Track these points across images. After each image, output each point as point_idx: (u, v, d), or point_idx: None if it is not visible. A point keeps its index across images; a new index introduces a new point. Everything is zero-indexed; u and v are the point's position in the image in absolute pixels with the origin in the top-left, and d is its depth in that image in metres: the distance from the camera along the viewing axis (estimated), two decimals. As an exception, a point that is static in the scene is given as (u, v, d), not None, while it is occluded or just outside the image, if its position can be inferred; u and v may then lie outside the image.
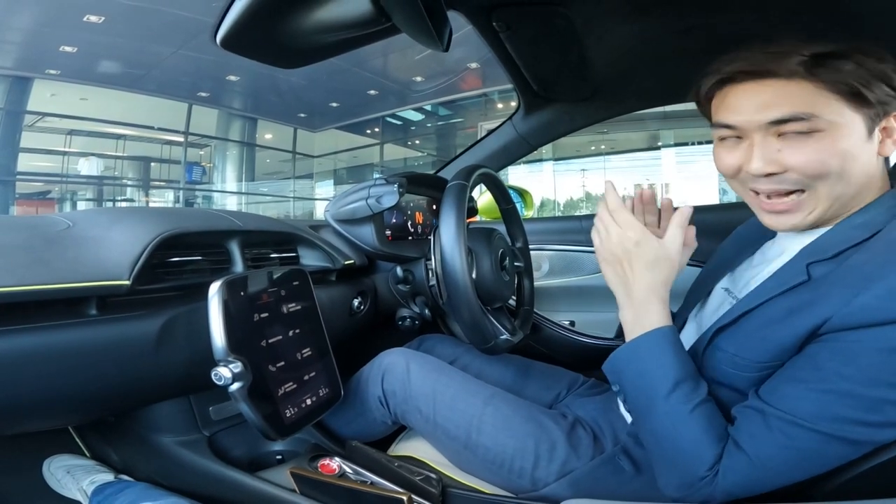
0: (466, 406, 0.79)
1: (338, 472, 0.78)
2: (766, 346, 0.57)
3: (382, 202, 0.96)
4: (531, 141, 1.36)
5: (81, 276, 0.61)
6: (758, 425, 0.55)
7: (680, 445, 0.57)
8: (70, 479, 0.90)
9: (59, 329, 0.60)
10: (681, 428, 0.57)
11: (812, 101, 0.56)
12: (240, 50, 0.67)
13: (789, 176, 0.58)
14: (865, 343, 0.50)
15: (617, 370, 0.64)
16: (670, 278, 0.64)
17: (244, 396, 0.68)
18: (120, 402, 0.78)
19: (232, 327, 0.68)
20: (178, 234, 0.72)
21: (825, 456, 0.53)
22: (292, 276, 0.82)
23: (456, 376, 0.85)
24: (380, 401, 0.86)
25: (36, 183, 8.27)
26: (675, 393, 0.58)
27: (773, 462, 0.54)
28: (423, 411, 0.81)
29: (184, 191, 9.48)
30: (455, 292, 0.78)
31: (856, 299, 0.50)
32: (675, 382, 0.59)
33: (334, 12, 0.62)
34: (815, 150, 0.56)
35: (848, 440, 0.51)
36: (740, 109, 0.59)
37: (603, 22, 0.89)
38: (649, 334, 0.62)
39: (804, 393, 0.53)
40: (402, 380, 0.84)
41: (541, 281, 1.49)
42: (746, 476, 0.55)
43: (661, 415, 0.58)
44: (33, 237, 0.64)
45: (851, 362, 0.50)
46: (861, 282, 0.51)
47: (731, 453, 0.55)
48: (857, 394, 0.50)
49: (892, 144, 0.58)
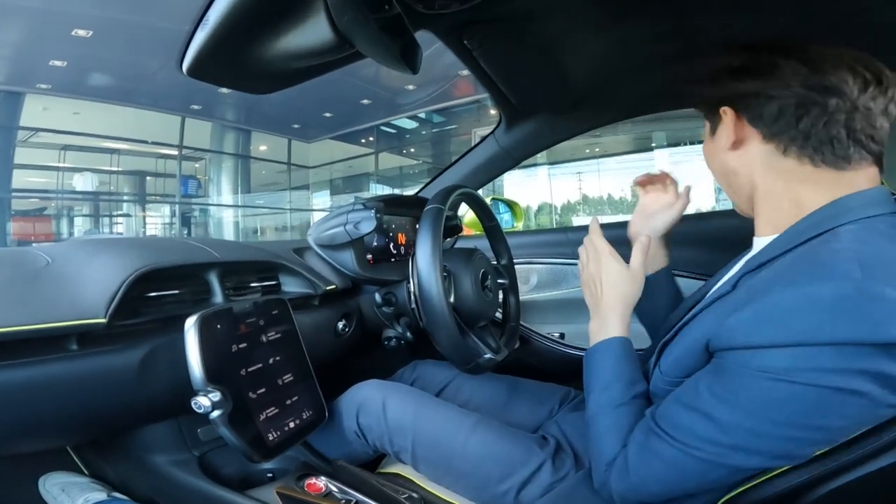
0: (448, 438, 0.79)
1: (324, 490, 0.79)
2: (679, 364, 0.58)
3: (360, 228, 0.97)
4: (515, 154, 1.36)
5: (59, 315, 0.63)
6: (642, 435, 0.58)
7: (596, 435, 0.64)
8: (65, 496, 0.91)
9: (42, 364, 0.63)
10: (599, 420, 0.64)
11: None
12: (206, 78, 0.68)
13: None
14: (736, 365, 0.49)
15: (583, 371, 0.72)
16: (632, 295, 0.72)
17: (225, 422, 0.70)
18: (108, 426, 0.80)
19: (209, 358, 0.70)
20: (154, 269, 0.73)
21: (694, 475, 0.54)
22: (271, 306, 0.83)
23: (438, 407, 0.84)
24: (356, 434, 0.86)
25: (32, 199, 8.25)
26: (605, 392, 0.65)
27: (645, 471, 0.57)
28: (402, 445, 0.82)
29: (180, 205, 9.48)
30: (432, 316, 0.79)
31: (727, 320, 0.50)
32: (607, 383, 0.66)
33: (296, 40, 0.62)
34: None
35: (714, 463, 0.52)
36: None
37: (576, 33, 0.89)
38: (600, 343, 0.70)
39: (679, 410, 0.54)
40: (378, 416, 0.84)
41: (529, 294, 1.49)
42: (626, 480, 0.58)
43: (591, 406, 0.66)
44: (14, 276, 0.67)
45: (721, 383, 0.51)
46: (739, 303, 0.51)
47: (622, 460, 0.60)
48: (718, 417, 0.50)
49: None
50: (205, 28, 0.56)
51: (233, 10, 0.53)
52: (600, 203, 9.85)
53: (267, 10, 0.55)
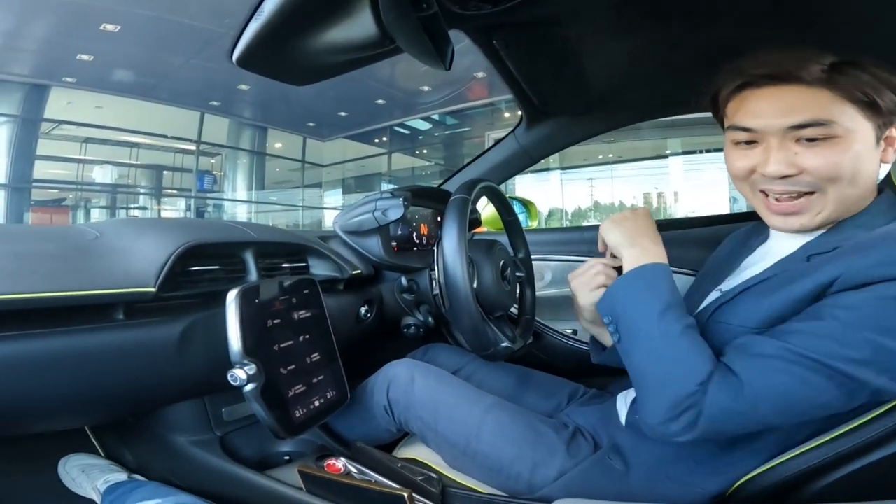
0: (466, 415, 0.82)
1: (343, 471, 0.82)
2: (767, 312, 0.60)
3: (388, 215, 1.00)
4: (533, 153, 1.40)
5: (111, 283, 0.66)
6: (752, 355, 0.58)
7: (675, 359, 0.60)
8: (85, 478, 0.93)
9: (90, 332, 0.65)
10: (674, 343, 0.61)
11: (831, 107, 0.59)
12: (254, 68, 0.72)
13: (803, 178, 0.61)
14: (869, 296, 0.53)
15: (613, 300, 0.68)
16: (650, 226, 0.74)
17: (257, 397, 0.72)
18: (142, 402, 0.83)
19: (247, 332, 0.72)
20: (198, 244, 0.77)
21: (814, 390, 0.55)
22: (303, 285, 0.86)
23: (458, 386, 0.88)
24: (385, 409, 0.89)
25: (51, 190, 8.40)
26: (667, 313, 0.62)
27: (763, 390, 0.56)
28: (424, 419, 0.84)
29: (195, 199, 9.61)
30: (456, 301, 0.82)
31: (863, 260, 0.54)
32: (668, 304, 0.63)
33: (343, 34, 0.67)
34: (830, 154, 0.60)
35: (841, 374, 0.54)
36: (761, 114, 0.62)
37: (597, 39, 0.93)
38: (645, 266, 0.67)
39: (803, 336, 0.56)
40: (406, 390, 0.87)
41: (543, 290, 1.52)
42: (733, 401, 0.56)
43: (655, 333, 0.62)
44: (66, 247, 0.69)
45: (854, 311, 0.54)
46: (864, 250, 0.55)
47: (724, 374, 0.58)
48: (855, 337, 0.53)
49: (894, 152, 0.63)
50: (258, 19, 0.60)
51: (286, 3, 0.58)
52: (612, 210, 9.81)
53: (318, 4, 0.59)
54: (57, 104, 7.47)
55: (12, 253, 0.62)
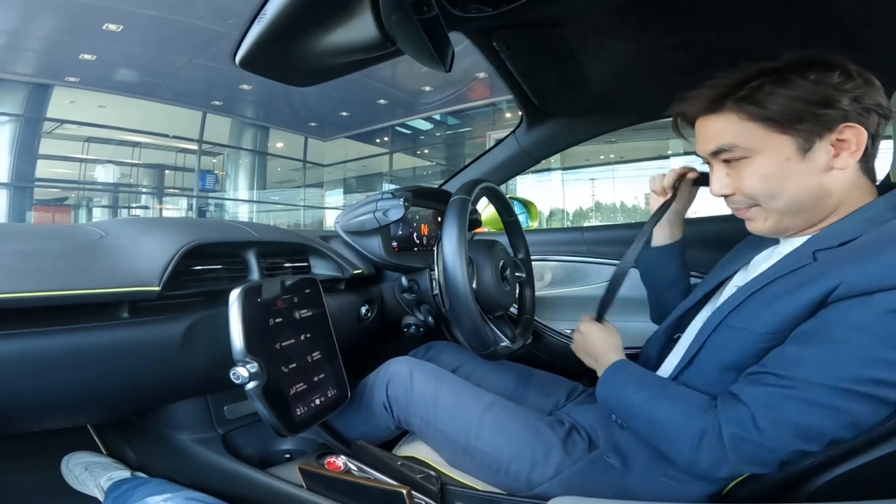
0: (465, 413, 0.82)
1: (343, 468, 0.83)
2: (774, 318, 0.61)
3: (389, 215, 1.01)
4: (534, 154, 1.41)
5: (116, 282, 0.66)
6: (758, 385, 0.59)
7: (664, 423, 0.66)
8: (88, 475, 0.93)
9: (94, 330, 0.66)
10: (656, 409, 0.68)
11: (736, 131, 0.65)
12: (257, 69, 0.73)
13: (737, 197, 0.69)
14: (873, 307, 0.54)
15: (603, 396, 0.77)
16: (616, 340, 0.84)
17: (259, 395, 0.73)
18: (146, 400, 0.83)
19: (249, 331, 0.73)
20: (202, 244, 0.77)
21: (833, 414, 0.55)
22: (304, 285, 0.87)
23: (457, 384, 0.88)
24: (384, 406, 0.90)
25: (53, 189, 8.43)
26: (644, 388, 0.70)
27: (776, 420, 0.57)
28: (423, 417, 0.85)
29: (197, 199, 9.63)
30: (456, 300, 0.83)
31: (864, 268, 0.55)
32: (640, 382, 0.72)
33: (344, 37, 0.67)
34: (746, 173, 0.66)
35: (856, 394, 0.54)
36: (698, 141, 0.71)
37: (598, 40, 0.93)
38: (611, 366, 0.78)
39: (812, 354, 0.57)
40: (405, 387, 0.88)
41: (543, 290, 1.53)
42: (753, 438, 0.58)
43: (637, 406, 0.70)
44: (72, 246, 0.70)
45: (860, 326, 0.54)
46: (869, 255, 0.56)
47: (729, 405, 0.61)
48: (864, 355, 0.54)
49: (849, 157, 0.62)
50: (261, 21, 0.61)
51: (289, 6, 0.59)
52: (613, 210, 9.83)
53: (320, 7, 0.60)
54: (60, 103, 7.51)
55: (18, 251, 0.63)
